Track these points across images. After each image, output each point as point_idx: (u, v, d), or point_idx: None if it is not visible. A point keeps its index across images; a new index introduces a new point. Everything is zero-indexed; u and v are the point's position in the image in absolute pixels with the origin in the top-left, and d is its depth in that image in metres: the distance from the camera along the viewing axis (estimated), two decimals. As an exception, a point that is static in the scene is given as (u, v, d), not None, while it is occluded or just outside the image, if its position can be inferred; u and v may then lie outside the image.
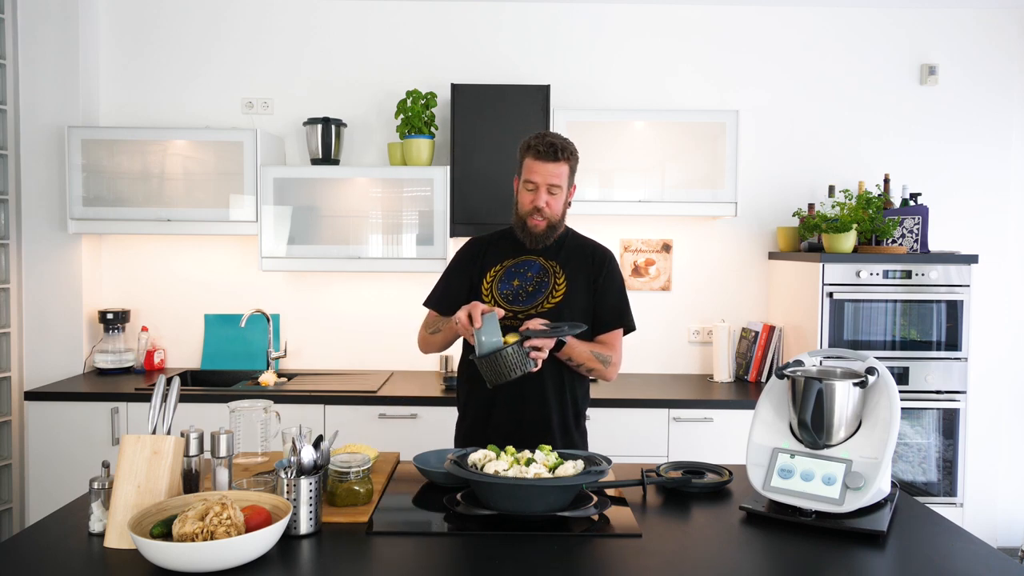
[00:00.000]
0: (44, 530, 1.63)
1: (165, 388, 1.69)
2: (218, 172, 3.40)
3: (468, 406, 2.26)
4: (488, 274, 2.21)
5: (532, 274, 2.20)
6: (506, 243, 2.26)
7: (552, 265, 2.21)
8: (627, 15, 3.69)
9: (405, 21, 3.69)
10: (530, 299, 2.16)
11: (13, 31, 3.40)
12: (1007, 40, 3.69)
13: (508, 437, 2.07)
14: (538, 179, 2.13)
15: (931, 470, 3.28)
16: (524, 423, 2.15)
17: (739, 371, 3.60)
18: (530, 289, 2.17)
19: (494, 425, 2.16)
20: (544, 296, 2.16)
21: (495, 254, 2.24)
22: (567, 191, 2.19)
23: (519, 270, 2.21)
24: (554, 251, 2.23)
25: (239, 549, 1.39)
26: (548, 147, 2.11)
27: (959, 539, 1.62)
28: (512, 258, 2.23)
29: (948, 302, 3.20)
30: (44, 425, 3.14)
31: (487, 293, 2.18)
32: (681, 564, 1.51)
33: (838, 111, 3.71)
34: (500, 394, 2.12)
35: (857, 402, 1.74)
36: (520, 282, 2.19)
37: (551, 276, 2.19)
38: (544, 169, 2.12)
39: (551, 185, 2.13)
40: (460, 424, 2.31)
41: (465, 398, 2.27)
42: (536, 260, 2.22)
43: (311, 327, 3.73)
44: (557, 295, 2.16)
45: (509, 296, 2.17)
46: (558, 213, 2.17)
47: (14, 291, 3.45)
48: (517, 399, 2.14)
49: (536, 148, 2.13)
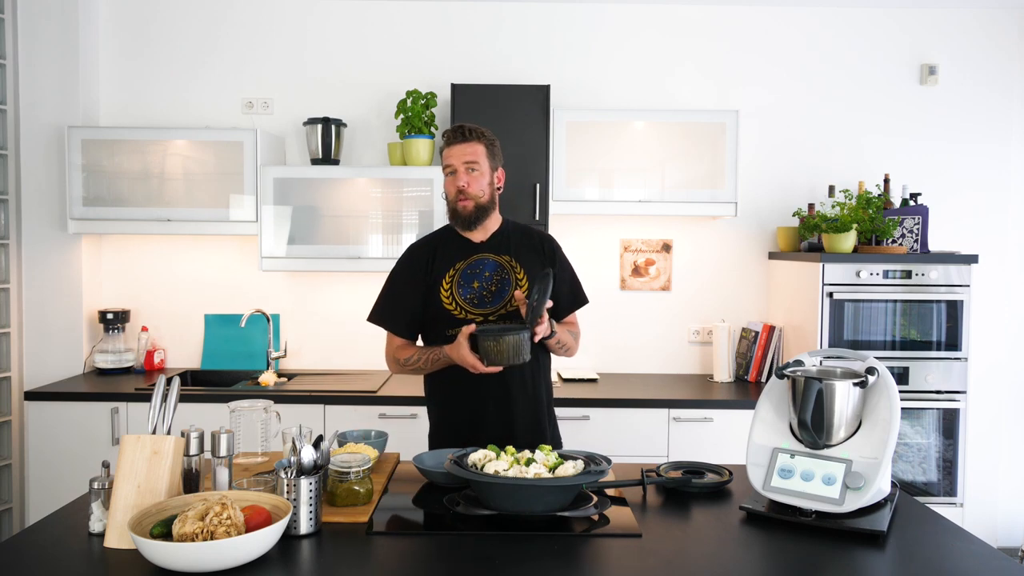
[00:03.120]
0: (44, 530, 1.63)
1: (165, 388, 1.69)
2: (218, 172, 3.40)
3: (451, 408, 2.23)
4: (444, 281, 2.18)
5: (489, 273, 2.19)
6: (452, 244, 2.23)
7: (507, 260, 2.20)
8: (627, 14, 3.69)
9: (405, 21, 3.69)
10: (496, 299, 2.16)
11: (13, 31, 3.40)
12: (1007, 40, 3.69)
13: (499, 436, 2.11)
14: (454, 161, 2.16)
15: (931, 470, 3.28)
16: (515, 421, 2.18)
17: (739, 371, 3.60)
18: (493, 289, 2.17)
19: (484, 425, 2.16)
20: (510, 295, 2.16)
21: (444, 258, 2.21)
22: (490, 172, 2.19)
23: (475, 271, 2.19)
24: (502, 245, 2.23)
25: (239, 549, 1.39)
26: (456, 130, 2.18)
27: (959, 539, 1.62)
28: (463, 259, 2.20)
29: (948, 302, 3.20)
30: (44, 425, 3.14)
31: (449, 300, 2.16)
32: (681, 564, 1.51)
33: (838, 111, 3.71)
34: (486, 393, 2.15)
35: (857, 402, 1.74)
36: (479, 283, 2.17)
37: (510, 272, 2.19)
38: (456, 151, 2.16)
39: (467, 163, 2.15)
40: (439, 425, 2.28)
41: (444, 399, 2.25)
42: (488, 257, 2.21)
43: (311, 327, 3.73)
44: (522, 291, 2.17)
45: (474, 300, 2.16)
46: (482, 192, 2.16)
47: (14, 291, 3.45)
48: (503, 399, 2.16)
49: (446, 136, 2.20)
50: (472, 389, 2.15)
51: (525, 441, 2.13)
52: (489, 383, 2.13)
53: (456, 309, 2.15)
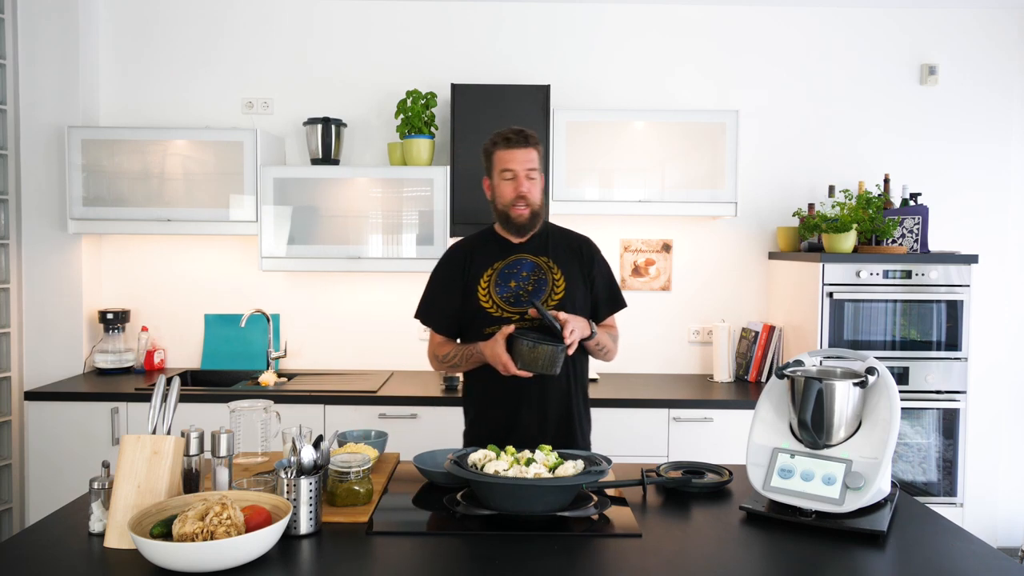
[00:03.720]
0: (44, 530, 1.63)
1: (165, 388, 1.69)
2: (218, 172, 3.40)
3: (487, 406, 2.23)
4: (481, 280, 2.19)
5: (527, 273, 2.19)
6: (491, 245, 2.24)
7: (544, 261, 2.21)
8: (627, 15, 3.69)
9: (405, 21, 3.69)
10: (533, 298, 2.16)
11: (13, 31, 3.40)
12: (1007, 40, 3.69)
13: (532, 437, 2.12)
14: (516, 166, 2.14)
15: (931, 470, 3.28)
16: (549, 420, 2.18)
17: (739, 371, 3.60)
18: (530, 288, 2.18)
19: (518, 425, 2.17)
20: (546, 295, 2.17)
21: (483, 258, 2.22)
22: (542, 179, 2.21)
23: (512, 271, 2.20)
24: (541, 246, 2.23)
25: (239, 549, 1.39)
26: (517, 134, 2.15)
27: (959, 539, 1.62)
28: (501, 259, 2.21)
29: (948, 302, 3.20)
30: (44, 425, 3.14)
31: (486, 298, 2.17)
32: (681, 564, 1.51)
33: (838, 111, 3.71)
34: (521, 393, 2.15)
35: (857, 402, 1.74)
36: (516, 283, 2.18)
37: (547, 273, 2.19)
38: (519, 155, 2.14)
39: (528, 170, 2.15)
40: (475, 423, 2.29)
41: (481, 397, 2.25)
42: (526, 258, 2.21)
43: (311, 327, 3.73)
44: (559, 292, 2.18)
45: (510, 299, 2.16)
46: (538, 199, 2.18)
47: (14, 291, 3.45)
48: (538, 399, 2.17)
49: (505, 138, 2.16)
50: (509, 388, 2.15)
51: (558, 443, 2.14)
52: (526, 383, 2.11)
53: (493, 307, 2.16)
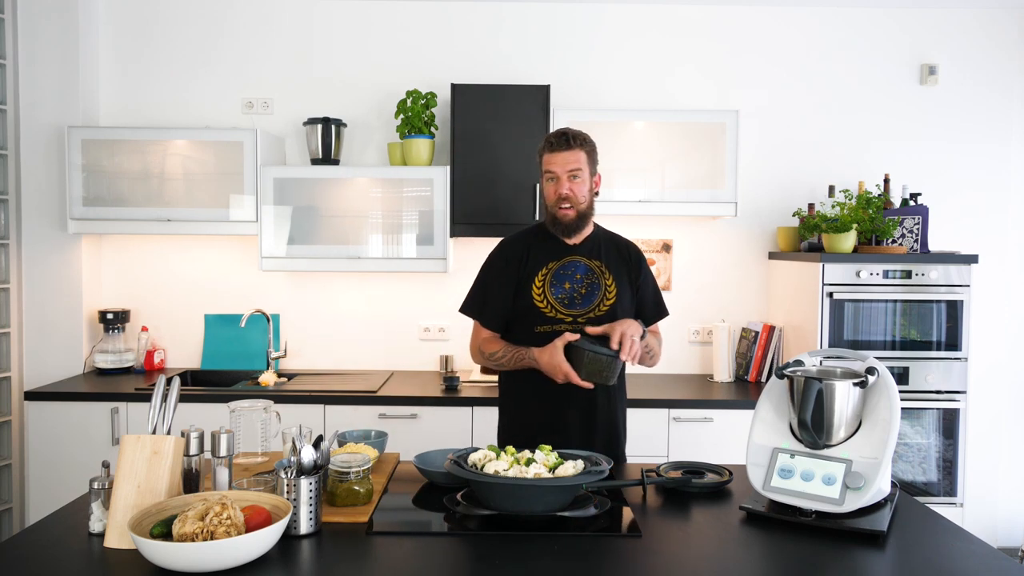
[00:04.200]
0: (44, 530, 1.63)
1: (165, 388, 1.69)
2: (218, 172, 3.40)
3: (529, 408, 2.23)
4: (536, 278, 2.19)
5: (580, 275, 2.20)
6: (546, 243, 2.25)
7: (598, 265, 2.23)
8: (627, 15, 3.69)
9: (405, 21, 3.69)
10: (585, 302, 2.17)
11: (13, 31, 3.40)
12: (1007, 40, 3.69)
13: (577, 441, 2.14)
14: (556, 168, 2.17)
15: (931, 470, 3.28)
16: (596, 425, 2.20)
17: (739, 371, 3.60)
18: (583, 292, 2.18)
19: (562, 429, 2.17)
20: (599, 299, 2.18)
21: (538, 256, 2.23)
22: (590, 179, 2.21)
23: (567, 272, 2.20)
24: (594, 250, 2.25)
25: (239, 549, 1.39)
26: (559, 136, 2.19)
27: (959, 539, 1.62)
28: (556, 259, 2.22)
29: (948, 302, 3.20)
30: (44, 425, 3.14)
31: (541, 298, 2.17)
32: (681, 564, 1.51)
33: (838, 111, 3.71)
34: (569, 398, 2.15)
35: (857, 402, 1.74)
36: (571, 284, 2.19)
37: (600, 278, 2.21)
38: (560, 157, 2.17)
39: (570, 171, 2.16)
40: (511, 426, 2.29)
41: (523, 399, 2.25)
42: (581, 260, 2.23)
43: (311, 327, 3.73)
44: (611, 297, 2.19)
45: (564, 300, 2.17)
46: (583, 199, 2.19)
47: (14, 291, 3.45)
48: (586, 407, 2.18)
49: (548, 141, 2.20)
50: (555, 393, 2.14)
51: (603, 449, 2.16)
52: (573, 389, 2.10)
53: (547, 307, 2.17)
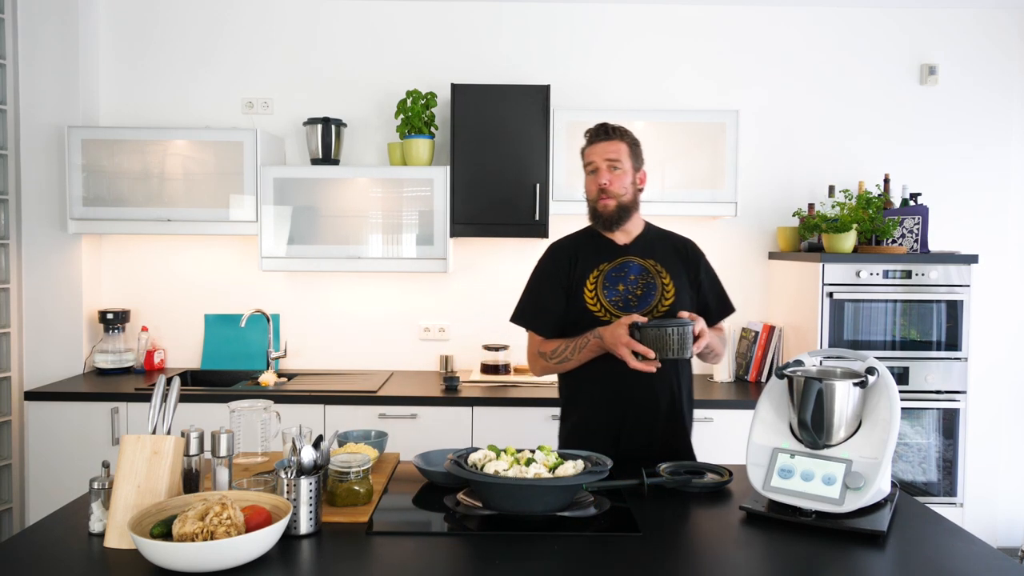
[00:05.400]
0: (44, 530, 1.63)
1: (165, 388, 1.69)
2: (218, 172, 3.40)
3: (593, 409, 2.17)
4: (588, 281, 2.14)
5: (635, 276, 2.14)
6: (595, 245, 2.19)
7: (652, 264, 2.16)
8: (627, 15, 3.69)
9: (405, 21, 3.69)
10: (642, 303, 2.11)
11: (13, 31, 3.40)
12: (1007, 40, 3.69)
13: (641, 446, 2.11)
14: (595, 159, 2.15)
15: (931, 470, 3.28)
16: (658, 422, 2.15)
17: (739, 371, 3.60)
18: (639, 292, 2.12)
19: (624, 427, 2.13)
20: (656, 300, 2.12)
21: (588, 259, 2.17)
22: (632, 172, 2.17)
23: (620, 273, 2.14)
24: (647, 249, 2.18)
25: (239, 549, 1.39)
26: (598, 128, 2.19)
27: (959, 539, 1.62)
28: (608, 261, 2.16)
29: (948, 302, 3.20)
30: (44, 425, 3.14)
31: (594, 301, 2.12)
32: (681, 564, 1.51)
33: (838, 111, 3.71)
34: (629, 397, 2.11)
35: (857, 402, 1.74)
36: (625, 286, 2.12)
37: (656, 277, 2.14)
38: (599, 148, 2.16)
39: (609, 161, 2.13)
40: (577, 427, 2.21)
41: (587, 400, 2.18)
42: (634, 260, 2.16)
43: (311, 327, 3.73)
44: (669, 297, 2.13)
45: (619, 303, 2.11)
46: (624, 191, 2.13)
47: (14, 291, 3.45)
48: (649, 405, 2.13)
49: (588, 134, 2.20)
50: (616, 390, 2.10)
51: (664, 451, 2.11)
52: (634, 385, 2.07)
53: (600, 311, 2.11)
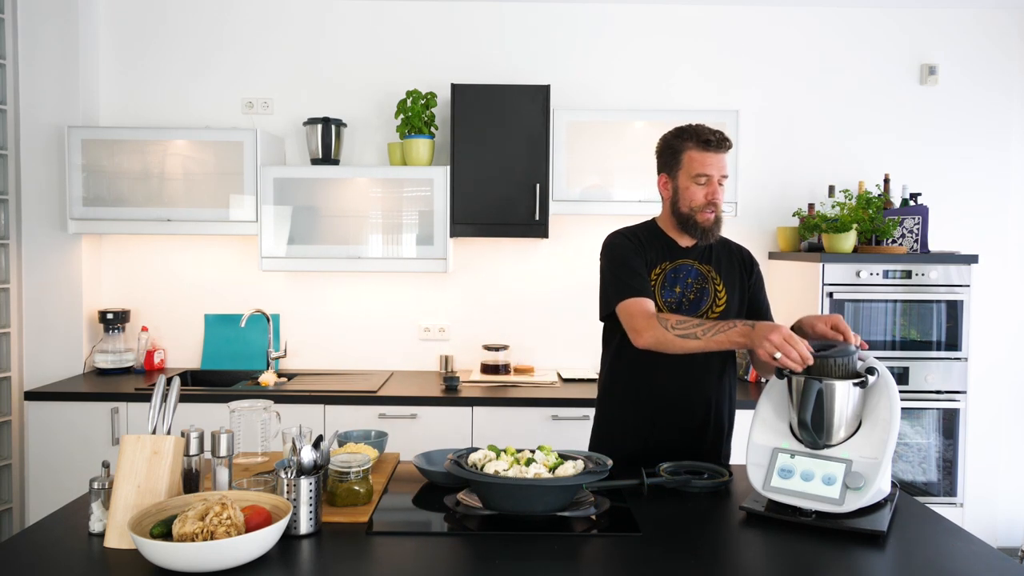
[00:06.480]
0: (44, 530, 1.63)
1: (165, 388, 1.69)
2: (218, 172, 3.40)
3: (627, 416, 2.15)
4: (651, 277, 2.09)
5: (691, 280, 2.11)
6: (659, 243, 2.14)
7: (708, 270, 2.13)
8: (628, 15, 3.69)
9: (405, 21, 3.69)
10: (693, 308, 2.09)
11: (13, 31, 3.40)
12: (1007, 40, 3.69)
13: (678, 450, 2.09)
14: (712, 171, 2.03)
15: (931, 470, 3.28)
16: (707, 433, 2.13)
17: (739, 371, 3.60)
18: (692, 297, 2.09)
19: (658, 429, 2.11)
20: (707, 306, 2.09)
21: (654, 254, 2.11)
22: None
23: (678, 276, 2.11)
24: (706, 254, 2.15)
25: (239, 549, 1.39)
26: (717, 137, 2.03)
27: (959, 539, 1.62)
28: (669, 261, 2.12)
29: (948, 302, 3.20)
30: (44, 425, 3.14)
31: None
32: (681, 564, 1.50)
33: (838, 111, 3.71)
34: (670, 404, 2.09)
35: (857, 402, 1.74)
36: (681, 289, 2.09)
37: (710, 283, 2.11)
38: (716, 160, 2.03)
39: (723, 177, 2.06)
40: (612, 421, 2.19)
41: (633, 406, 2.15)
42: (692, 265, 2.12)
43: (311, 327, 3.73)
44: (720, 304, 2.10)
45: (672, 304, 2.08)
46: (722, 206, 2.09)
47: (14, 291, 3.45)
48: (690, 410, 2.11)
49: (704, 139, 2.03)
50: (653, 398, 2.09)
51: (699, 449, 2.10)
52: (671, 391, 2.06)
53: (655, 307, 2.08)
